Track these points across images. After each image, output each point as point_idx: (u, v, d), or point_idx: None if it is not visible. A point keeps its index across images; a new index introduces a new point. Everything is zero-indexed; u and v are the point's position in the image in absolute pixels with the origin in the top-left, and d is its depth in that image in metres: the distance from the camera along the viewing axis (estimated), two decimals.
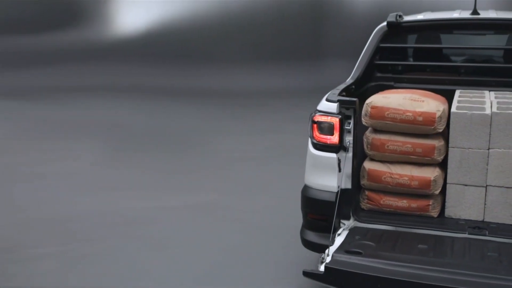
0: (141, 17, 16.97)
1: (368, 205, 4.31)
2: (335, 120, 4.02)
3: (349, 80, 4.81)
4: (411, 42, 5.69)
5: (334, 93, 4.25)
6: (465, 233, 3.95)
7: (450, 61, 5.91)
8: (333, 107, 4.05)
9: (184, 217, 6.16)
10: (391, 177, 4.16)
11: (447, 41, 5.90)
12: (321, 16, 15.44)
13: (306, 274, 3.58)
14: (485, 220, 4.10)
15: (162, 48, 16.08)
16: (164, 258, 5.18)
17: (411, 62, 5.57)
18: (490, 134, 4.00)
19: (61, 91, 14.43)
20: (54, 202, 6.67)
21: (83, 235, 5.73)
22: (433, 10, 6.24)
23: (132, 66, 15.73)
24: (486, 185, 4.07)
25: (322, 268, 3.56)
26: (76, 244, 5.52)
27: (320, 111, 4.09)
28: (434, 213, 4.19)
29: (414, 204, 4.18)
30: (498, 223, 4.06)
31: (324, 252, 3.78)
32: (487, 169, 4.04)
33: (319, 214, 4.12)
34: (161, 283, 4.73)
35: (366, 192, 4.31)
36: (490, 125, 3.98)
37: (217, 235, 5.65)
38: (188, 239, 5.60)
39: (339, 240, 3.91)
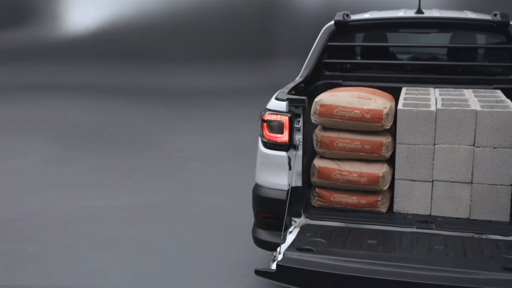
0: (90, 15, 16.69)
1: (318, 202, 4.35)
2: (285, 119, 4.04)
3: (298, 79, 4.84)
4: (359, 41, 5.78)
5: (284, 91, 4.27)
6: (413, 227, 4.03)
7: (397, 59, 6.02)
8: (282, 105, 4.07)
9: (134, 216, 6.10)
10: (340, 174, 4.21)
11: (393, 40, 6.01)
12: (270, 14, 15.50)
13: (258, 272, 3.59)
14: (432, 214, 4.20)
15: (112, 47, 15.87)
16: (113, 257, 5.14)
17: (358, 60, 5.65)
18: (435, 130, 4.09)
19: (10, 90, 14.04)
20: (2, 201, 6.56)
21: (31, 234, 5.65)
22: (379, 9, 6.35)
23: (81, 65, 15.48)
24: (432, 180, 4.16)
25: (274, 266, 3.57)
26: (24, 243, 5.43)
27: (269, 110, 4.11)
28: (383, 208, 4.27)
29: (364, 200, 4.25)
30: (444, 216, 4.16)
31: (275, 250, 3.79)
32: (433, 165, 4.14)
33: (270, 212, 4.14)
34: (109, 282, 4.69)
35: (317, 190, 4.35)
36: (435, 121, 4.08)
37: (167, 235, 5.61)
38: (138, 238, 5.54)
39: (290, 238, 3.93)
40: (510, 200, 4.06)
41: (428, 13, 5.28)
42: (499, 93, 4.58)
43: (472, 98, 4.37)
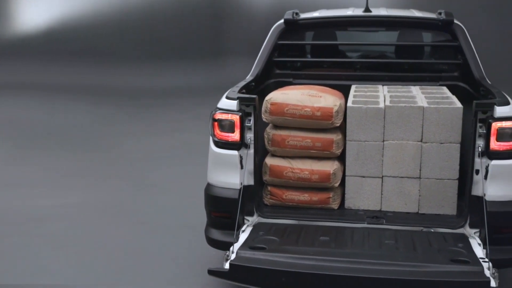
0: (41, 14, 16.31)
1: (271, 200, 4.36)
2: (236, 118, 4.04)
3: (248, 78, 4.85)
4: (309, 39, 5.83)
5: (234, 90, 4.27)
6: (364, 223, 4.09)
7: (346, 57, 6.10)
8: (233, 104, 4.06)
9: (86, 217, 6.01)
10: (292, 172, 4.23)
11: (342, 38, 6.08)
12: (220, 13, 15.45)
13: (211, 272, 3.58)
14: (382, 209, 4.27)
15: (63, 46, 15.54)
16: (64, 257, 5.08)
17: (309, 58, 5.70)
18: (384, 126, 4.16)
19: None
20: None
21: None
22: (328, 8, 6.41)
23: (32, 64, 15.13)
24: (382, 176, 4.23)
25: (227, 265, 3.56)
26: None
27: (220, 109, 4.10)
28: (335, 205, 4.31)
29: (315, 197, 4.28)
30: (394, 211, 4.24)
31: (228, 250, 3.78)
32: (382, 161, 4.21)
33: (222, 211, 4.13)
34: (60, 281, 4.64)
35: (269, 188, 4.36)
36: (384, 118, 4.15)
37: (119, 235, 5.54)
38: (89, 239, 5.46)
39: (243, 237, 3.93)
40: (457, 194, 4.16)
41: (376, 11, 5.36)
42: (445, 89, 4.69)
43: (419, 95, 4.46)
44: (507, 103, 3.87)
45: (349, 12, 5.45)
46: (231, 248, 3.75)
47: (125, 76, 14.35)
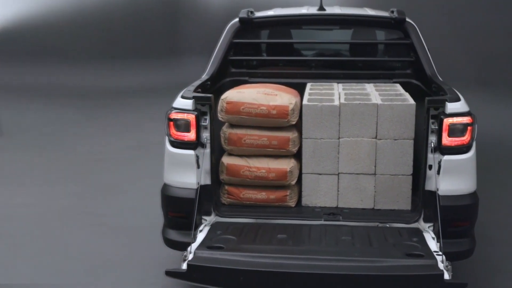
0: None
1: (228, 199, 4.36)
2: (191, 117, 4.01)
3: (204, 77, 4.82)
4: (264, 38, 5.84)
5: (189, 89, 4.24)
6: (321, 220, 4.12)
7: (301, 55, 6.14)
8: (188, 104, 4.03)
9: (42, 218, 5.89)
10: (249, 170, 4.23)
11: (298, 36, 6.12)
12: (175, 12, 15.33)
13: (168, 273, 3.54)
14: (338, 206, 4.31)
15: (16, 46, 15.17)
16: (19, 258, 4.99)
17: (264, 57, 5.71)
18: (339, 124, 4.20)
19: None
20: None
21: None
22: (283, 6, 6.43)
23: None
24: (338, 173, 4.27)
25: (184, 266, 3.54)
26: None
27: (175, 109, 4.07)
28: (292, 203, 4.33)
29: (273, 195, 4.29)
30: (350, 208, 4.28)
31: (186, 250, 3.76)
32: (338, 158, 4.24)
33: (179, 212, 4.10)
34: (16, 281, 4.58)
35: (226, 187, 4.35)
36: (339, 115, 4.18)
37: (76, 237, 5.45)
38: (46, 240, 5.38)
39: (201, 237, 3.92)
40: (411, 189, 4.24)
41: (330, 10, 5.41)
42: (398, 86, 4.77)
43: (373, 92, 4.52)
44: (458, 100, 3.95)
45: (303, 10, 5.48)
46: (189, 248, 3.73)
47: (79, 76, 14.09)
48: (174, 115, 4.05)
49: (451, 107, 3.88)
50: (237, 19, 5.13)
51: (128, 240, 5.38)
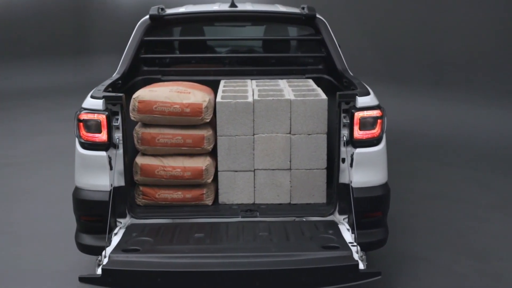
0: None
1: (143, 200, 4.27)
2: (102, 117, 3.89)
3: (115, 75, 4.70)
4: (177, 35, 5.76)
5: (99, 89, 4.11)
6: (239, 217, 4.12)
7: (215, 52, 6.11)
8: (98, 104, 3.91)
9: None
10: (164, 170, 4.16)
11: (211, 34, 6.08)
12: (84, 8, 14.88)
13: (82, 279, 3.42)
14: (255, 202, 4.32)
15: None
16: None
17: (176, 54, 5.63)
18: (253, 120, 4.20)
19: None
20: None
21: None
22: (194, 3, 6.37)
23: None
24: (254, 169, 4.28)
25: (99, 271, 3.43)
26: None
27: (85, 109, 3.93)
28: (209, 201, 4.30)
29: (189, 194, 4.24)
30: (267, 203, 4.30)
31: (101, 254, 3.64)
32: (253, 154, 4.25)
33: (93, 215, 3.96)
34: None
35: (141, 188, 4.26)
36: (253, 112, 4.19)
37: None
38: None
39: (116, 240, 3.81)
40: (326, 182, 4.31)
41: (242, 6, 5.41)
42: (311, 82, 4.84)
43: (286, 88, 4.56)
44: (368, 94, 4.05)
45: (215, 7, 5.45)
46: (103, 253, 3.62)
47: None
48: (84, 116, 3.91)
49: (361, 101, 3.97)
50: (147, 17, 5.04)
51: (40, 248, 5.16)
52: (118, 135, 3.98)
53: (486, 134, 8.74)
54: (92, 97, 3.97)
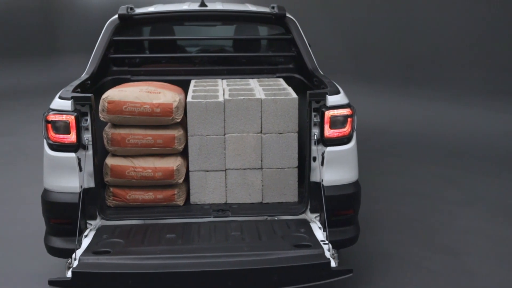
0: None
1: (114, 201, 4.22)
2: (71, 118, 3.84)
3: (84, 76, 4.64)
4: (146, 35, 5.71)
5: (68, 90, 4.06)
6: (210, 217, 4.10)
7: (185, 52, 6.08)
8: (67, 104, 3.86)
9: None
10: (134, 171, 4.12)
11: (181, 33, 6.05)
12: (51, 8, 14.67)
13: (52, 283, 3.37)
14: (227, 202, 4.31)
15: None
16: None
17: (146, 54, 5.59)
18: (224, 120, 4.19)
19: None
20: None
21: None
22: (164, 2, 6.33)
23: None
24: (226, 169, 4.27)
25: (69, 274, 3.38)
26: None
27: (53, 110, 3.87)
28: (180, 201, 4.27)
29: (160, 195, 4.21)
30: (239, 203, 4.30)
31: (71, 257, 3.59)
32: (225, 154, 4.24)
33: (62, 218, 3.91)
34: None
35: (111, 189, 4.22)
36: (224, 111, 4.18)
37: None
38: None
39: (86, 242, 3.77)
40: (297, 181, 4.32)
41: (212, 6, 5.39)
42: (282, 81, 4.84)
43: (257, 87, 4.56)
44: (338, 92, 4.07)
45: (185, 7, 5.42)
46: (73, 255, 3.57)
47: None
48: (52, 117, 3.85)
49: (331, 99, 3.99)
50: (116, 16, 4.99)
51: (8, 252, 5.07)
52: (87, 136, 3.93)
53: (455, 131, 8.88)
54: (60, 97, 3.91)
